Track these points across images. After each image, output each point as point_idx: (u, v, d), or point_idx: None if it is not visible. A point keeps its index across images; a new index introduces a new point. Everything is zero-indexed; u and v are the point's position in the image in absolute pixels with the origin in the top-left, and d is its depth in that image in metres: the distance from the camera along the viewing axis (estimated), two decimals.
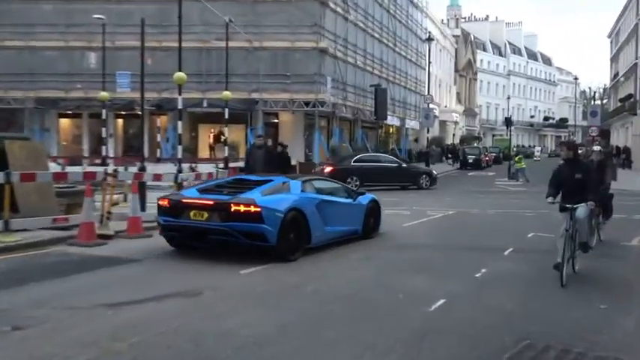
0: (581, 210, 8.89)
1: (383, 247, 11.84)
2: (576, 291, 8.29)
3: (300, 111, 36.84)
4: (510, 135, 50.49)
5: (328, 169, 25.80)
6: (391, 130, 53.53)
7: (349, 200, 12.30)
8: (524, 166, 36.00)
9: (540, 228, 13.95)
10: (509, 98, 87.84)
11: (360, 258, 10.65)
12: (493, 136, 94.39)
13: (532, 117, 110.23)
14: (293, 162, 28.84)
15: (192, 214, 10.11)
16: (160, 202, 10.62)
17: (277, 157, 17.51)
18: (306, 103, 36.08)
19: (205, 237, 10.11)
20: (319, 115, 37.04)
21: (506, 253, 11.20)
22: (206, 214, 10.00)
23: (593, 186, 9.01)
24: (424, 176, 28.45)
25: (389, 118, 43.74)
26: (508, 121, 47.54)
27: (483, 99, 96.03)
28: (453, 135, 75.87)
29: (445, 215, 17.19)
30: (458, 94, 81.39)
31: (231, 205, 9.86)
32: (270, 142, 23.22)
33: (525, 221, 15.56)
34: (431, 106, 54.81)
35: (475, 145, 67.50)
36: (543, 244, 11.58)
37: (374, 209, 12.94)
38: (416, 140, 60.93)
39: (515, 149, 62.07)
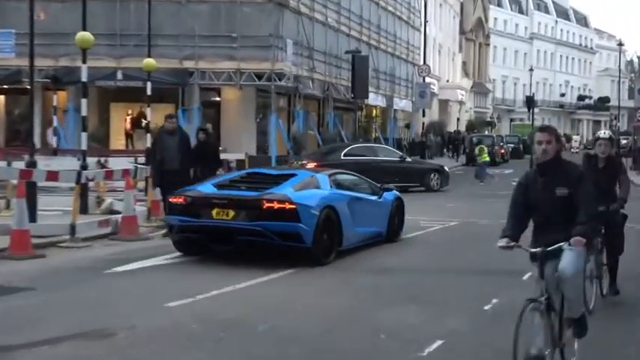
0: (568, 259, 6.43)
1: (361, 269, 12.04)
2: (610, 320, 8.31)
3: (250, 86, 36.75)
4: (533, 119, 51.08)
5: (311, 165, 26.05)
6: (374, 112, 53.93)
7: (375, 197, 14.47)
8: (488, 159, 37.07)
9: None
10: (532, 70, 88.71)
11: (331, 284, 10.78)
12: (511, 120, 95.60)
13: (562, 95, 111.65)
14: (240, 155, 28.83)
15: (214, 212, 11.92)
16: (173, 200, 12.45)
17: (199, 147, 17.35)
18: (259, 76, 35.96)
19: (232, 238, 11.86)
20: (277, 91, 36.96)
21: (524, 277, 11.20)
22: (232, 213, 11.83)
23: (587, 205, 6.47)
24: (433, 174, 29.14)
25: (371, 96, 44.00)
26: (530, 101, 47.79)
27: (498, 71, 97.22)
28: (458, 119, 76.63)
29: (446, 227, 17.49)
30: (464, 64, 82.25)
31: (264, 201, 11.71)
32: (209, 128, 23.11)
33: None
34: (428, 80, 55.00)
35: (487, 133, 68.18)
36: None
37: (399, 208, 15.21)
38: (407, 126, 61.42)
39: (474, 137, 54.55)
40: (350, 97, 39.53)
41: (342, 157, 27.79)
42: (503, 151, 56.24)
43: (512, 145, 61.85)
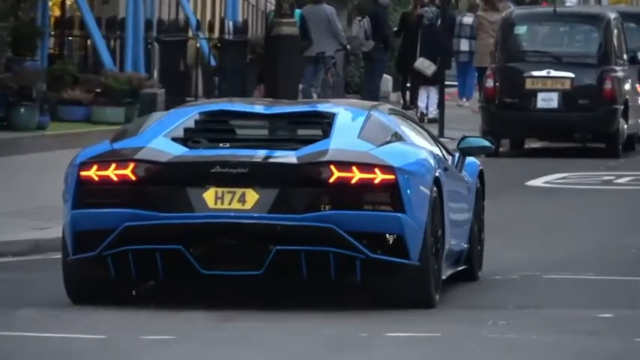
0: None
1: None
2: None
3: None
4: None
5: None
6: None
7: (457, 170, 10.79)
8: None
9: None
10: None
11: None
12: None
13: None
14: None
15: (209, 196, 8.55)
16: (97, 173, 8.70)
17: None
18: None
19: (263, 252, 8.48)
20: None
21: None
22: (254, 195, 8.52)
23: None
24: None
25: None
26: None
27: None
28: None
29: None
30: None
31: (331, 167, 8.47)
32: None
33: None
34: None
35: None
36: None
37: (481, 197, 11.34)
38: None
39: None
40: None
41: None
42: None
43: None
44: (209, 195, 8.45)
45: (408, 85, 27.77)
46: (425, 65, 26.47)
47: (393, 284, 8.72)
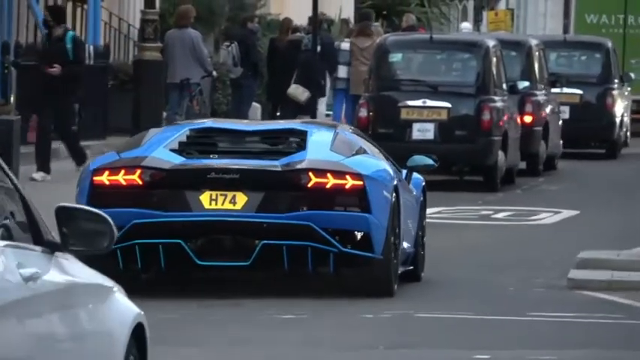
0: None
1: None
2: None
3: None
4: None
5: None
6: None
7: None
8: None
9: None
10: None
11: None
12: None
13: None
14: None
15: (205, 198, 10.28)
16: (109, 178, 10.44)
17: None
18: None
19: (250, 246, 10.25)
20: None
21: None
22: (243, 198, 10.22)
23: None
24: None
25: None
26: None
27: None
28: None
29: None
30: None
31: (309, 174, 10.25)
32: None
33: None
34: None
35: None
36: None
37: (424, 209, 13.14)
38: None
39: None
40: None
41: None
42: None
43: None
44: (205, 197, 10.28)
45: (278, 114, 27.16)
46: (299, 92, 26.11)
47: (360, 275, 10.72)
